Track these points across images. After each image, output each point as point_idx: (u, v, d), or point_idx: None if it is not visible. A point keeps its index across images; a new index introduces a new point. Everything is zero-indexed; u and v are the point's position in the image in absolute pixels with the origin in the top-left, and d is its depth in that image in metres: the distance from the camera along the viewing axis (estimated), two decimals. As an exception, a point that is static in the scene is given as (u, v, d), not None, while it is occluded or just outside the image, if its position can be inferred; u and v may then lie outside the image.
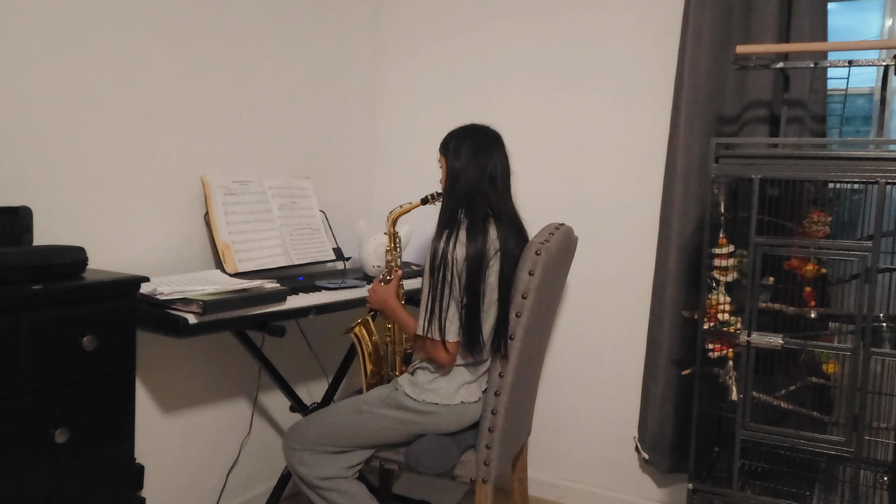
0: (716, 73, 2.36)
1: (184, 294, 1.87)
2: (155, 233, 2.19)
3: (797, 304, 2.04)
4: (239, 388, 2.53)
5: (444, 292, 1.93)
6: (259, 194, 2.43)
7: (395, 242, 2.25)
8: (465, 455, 2.05)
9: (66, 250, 1.54)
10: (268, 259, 2.36)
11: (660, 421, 2.51)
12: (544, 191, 2.77)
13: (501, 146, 2.07)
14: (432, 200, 2.16)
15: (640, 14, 2.58)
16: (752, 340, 1.93)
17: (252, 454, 2.59)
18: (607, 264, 2.68)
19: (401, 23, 3.03)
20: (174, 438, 2.31)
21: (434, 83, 2.98)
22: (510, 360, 2.00)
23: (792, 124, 2.24)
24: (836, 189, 2.04)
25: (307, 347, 2.73)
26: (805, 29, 2.23)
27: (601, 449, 2.74)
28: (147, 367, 2.19)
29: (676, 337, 2.45)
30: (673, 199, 2.45)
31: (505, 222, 2.02)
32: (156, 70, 2.15)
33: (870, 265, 1.79)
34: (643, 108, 2.59)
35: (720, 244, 2.06)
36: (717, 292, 2.05)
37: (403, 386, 2.04)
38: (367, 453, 2.08)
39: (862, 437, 1.85)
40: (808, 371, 2.09)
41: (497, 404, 2.01)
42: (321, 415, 2.12)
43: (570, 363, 2.77)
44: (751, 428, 1.98)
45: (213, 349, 2.40)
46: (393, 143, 3.09)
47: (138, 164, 2.12)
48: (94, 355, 1.52)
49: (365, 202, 3.09)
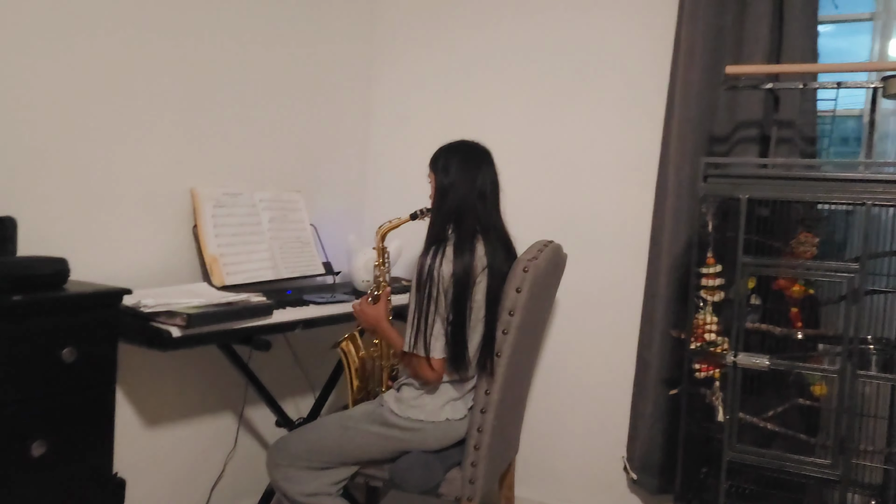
0: (707, 92, 2.37)
1: (168, 307, 1.85)
2: (142, 245, 2.18)
3: (785, 324, 2.03)
4: (225, 401, 2.51)
5: (430, 309, 1.92)
6: (249, 207, 2.42)
7: (383, 258, 2.24)
8: (450, 472, 2.03)
9: (48, 261, 1.54)
10: (256, 272, 2.35)
11: (649, 441, 2.49)
12: (535, 208, 2.77)
13: (490, 162, 2.07)
14: (421, 216, 2.15)
15: (633, 32, 2.59)
16: (739, 361, 1.92)
17: (237, 469, 2.57)
18: (597, 282, 2.67)
19: (395, 36, 3.05)
20: (158, 452, 2.28)
21: (427, 98, 2.98)
22: (496, 378, 1.99)
23: (782, 145, 2.24)
24: (825, 210, 2.04)
25: (295, 362, 2.71)
26: (796, 50, 2.24)
27: (590, 468, 2.71)
28: (131, 379, 2.17)
29: (666, 356, 2.44)
30: (664, 218, 2.45)
31: (493, 239, 2.02)
32: (145, 80, 2.15)
33: (857, 286, 1.79)
34: (635, 126, 2.59)
35: (708, 263, 2.05)
36: (704, 312, 2.04)
37: (388, 402, 2.02)
38: (352, 470, 2.06)
39: (849, 461, 1.83)
40: (796, 392, 2.08)
41: (483, 422, 2.00)
42: (306, 430, 2.10)
43: (559, 381, 2.76)
44: (737, 449, 1.96)
45: (199, 362, 2.39)
46: (386, 157, 3.09)
47: (126, 174, 2.12)
48: (73, 367, 1.50)
49: (357, 216, 3.08)
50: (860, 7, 2.41)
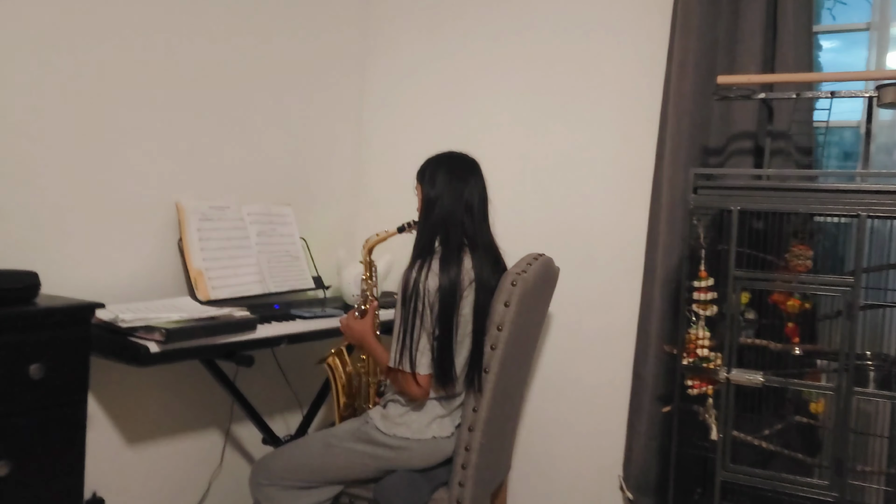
0: (701, 104, 2.33)
1: (147, 321, 1.81)
2: (126, 259, 2.15)
3: (781, 339, 1.98)
4: (211, 419, 2.46)
5: (416, 323, 1.88)
6: (236, 220, 2.39)
7: (371, 271, 2.20)
8: (437, 493, 1.97)
9: (17, 275, 1.50)
10: (243, 287, 2.31)
11: (644, 459, 2.43)
12: (527, 221, 2.72)
13: (478, 174, 2.04)
14: (408, 229, 2.11)
15: (627, 44, 2.56)
16: (732, 377, 1.87)
17: (222, 489, 2.51)
18: (591, 297, 2.62)
19: (387, 47, 3.03)
20: (141, 471, 2.23)
21: (420, 110, 2.96)
22: (484, 395, 1.94)
23: (776, 156, 2.20)
24: (820, 222, 1.99)
25: (282, 378, 2.66)
26: (790, 61, 2.20)
27: (586, 488, 2.65)
28: (113, 396, 2.13)
29: (660, 372, 2.38)
30: (658, 231, 2.41)
31: (481, 252, 1.98)
32: (128, 91, 2.13)
33: (852, 300, 1.73)
34: (628, 138, 2.55)
35: (700, 277, 2.00)
36: (696, 327, 1.99)
37: (374, 419, 1.97)
38: (336, 489, 2.00)
39: (846, 481, 1.77)
40: (794, 410, 2.02)
41: (471, 440, 1.94)
42: (289, 448, 2.05)
43: (553, 397, 2.70)
44: (731, 469, 1.90)
45: (185, 379, 2.34)
46: (378, 170, 3.06)
47: (109, 187, 2.09)
48: (41, 384, 1.46)
49: (348, 230, 3.04)
50: (856, 18, 2.37)
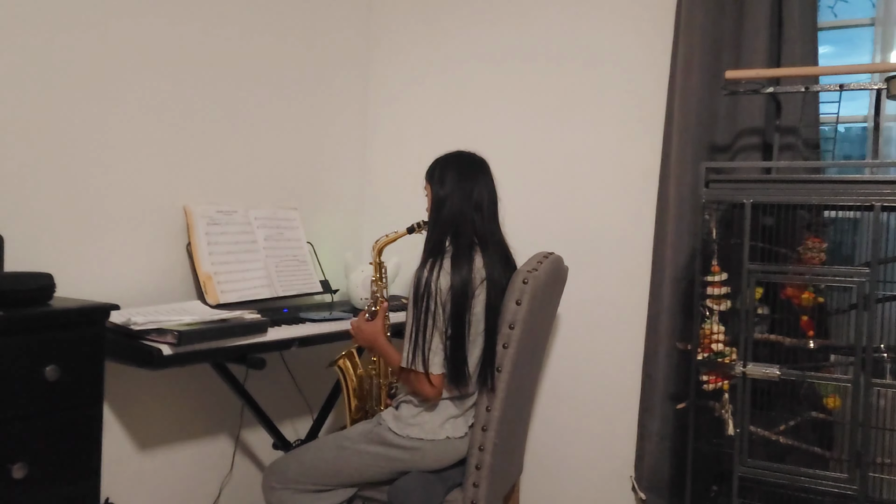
0: (706, 101, 2.33)
1: (159, 324, 1.81)
2: (135, 262, 2.14)
3: (795, 334, 1.97)
4: (221, 423, 2.45)
5: (428, 323, 1.87)
6: (244, 224, 2.38)
7: (380, 273, 2.19)
8: (451, 494, 1.96)
9: (33, 277, 1.50)
10: (251, 290, 2.31)
11: (656, 458, 2.41)
12: (535, 219, 2.72)
13: (487, 173, 2.04)
14: (418, 229, 2.11)
15: (631, 42, 2.56)
16: (748, 371, 1.86)
17: (233, 494, 2.49)
18: (600, 295, 2.61)
19: (392, 50, 3.03)
20: (150, 476, 2.22)
21: (425, 112, 2.96)
22: (498, 394, 1.93)
23: (785, 151, 2.20)
24: (833, 214, 1.99)
25: (292, 382, 2.65)
26: (796, 56, 2.21)
27: (597, 488, 2.63)
28: (124, 400, 2.12)
29: (672, 370, 2.37)
30: (666, 229, 2.40)
31: (491, 250, 1.97)
32: (137, 97, 2.13)
33: (867, 292, 1.73)
34: (635, 136, 2.55)
35: (713, 272, 2.00)
36: (710, 322, 1.98)
37: (387, 420, 1.96)
38: (350, 492, 1.99)
39: (866, 474, 1.76)
40: (809, 405, 2.01)
41: (484, 440, 1.93)
42: (302, 451, 2.04)
43: (563, 398, 2.69)
44: (749, 464, 1.89)
45: (194, 383, 2.33)
46: (384, 173, 3.06)
47: (118, 191, 2.09)
48: (57, 386, 1.45)
49: (354, 233, 3.04)
50: (859, 14, 2.38)
